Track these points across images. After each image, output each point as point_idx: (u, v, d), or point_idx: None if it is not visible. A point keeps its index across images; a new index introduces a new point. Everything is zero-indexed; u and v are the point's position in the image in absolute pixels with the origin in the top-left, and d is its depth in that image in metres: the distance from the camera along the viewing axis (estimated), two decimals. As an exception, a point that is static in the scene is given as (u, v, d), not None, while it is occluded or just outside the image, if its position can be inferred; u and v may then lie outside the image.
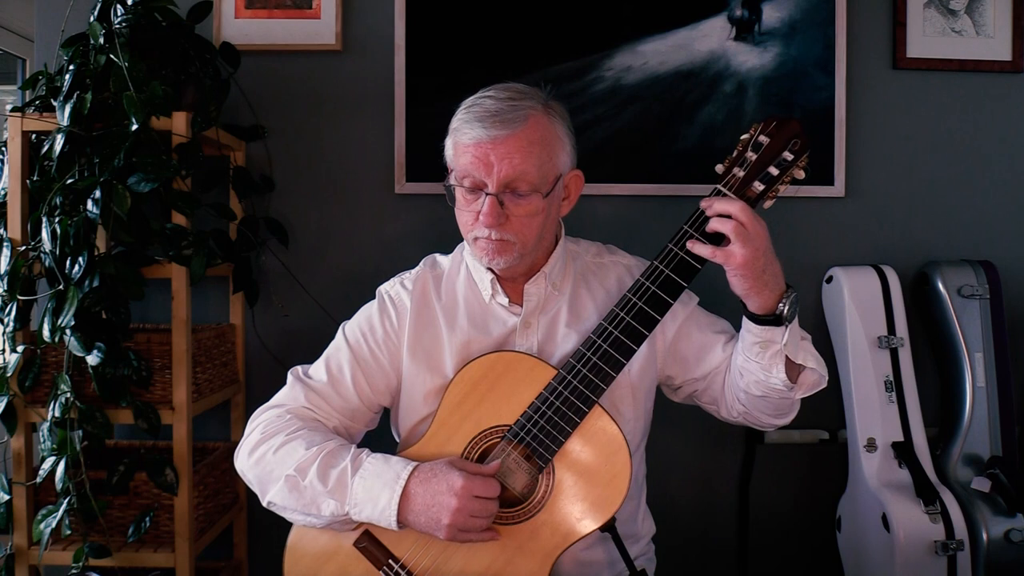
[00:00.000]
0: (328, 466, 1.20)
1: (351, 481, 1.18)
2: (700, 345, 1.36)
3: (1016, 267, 2.04)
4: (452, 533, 1.16)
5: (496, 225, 1.22)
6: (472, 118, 1.22)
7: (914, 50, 2.02)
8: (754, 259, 1.14)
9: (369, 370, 1.32)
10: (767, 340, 1.20)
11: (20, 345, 1.66)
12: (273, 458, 1.23)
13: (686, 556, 2.03)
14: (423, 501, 1.16)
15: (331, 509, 1.18)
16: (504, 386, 1.23)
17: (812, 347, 1.26)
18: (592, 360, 1.20)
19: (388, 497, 1.17)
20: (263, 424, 1.28)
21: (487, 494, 1.16)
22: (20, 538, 1.67)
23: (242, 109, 1.96)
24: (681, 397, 1.44)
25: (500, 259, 1.25)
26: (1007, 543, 1.78)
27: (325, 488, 1.18)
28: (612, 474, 1.19)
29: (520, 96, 1.24)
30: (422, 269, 1.39)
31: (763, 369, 1.22)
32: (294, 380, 1.33)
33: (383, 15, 1.99)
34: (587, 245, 1.43)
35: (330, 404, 1.30)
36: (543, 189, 1.23)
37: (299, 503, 1.20)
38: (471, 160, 1.22)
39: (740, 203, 1.15)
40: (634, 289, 1.22)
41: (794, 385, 1.23)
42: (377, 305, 1.36)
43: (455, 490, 1.15)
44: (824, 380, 1.26)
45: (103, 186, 1.57)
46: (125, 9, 1.69)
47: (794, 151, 1.19)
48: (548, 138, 1.24)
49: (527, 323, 1.31)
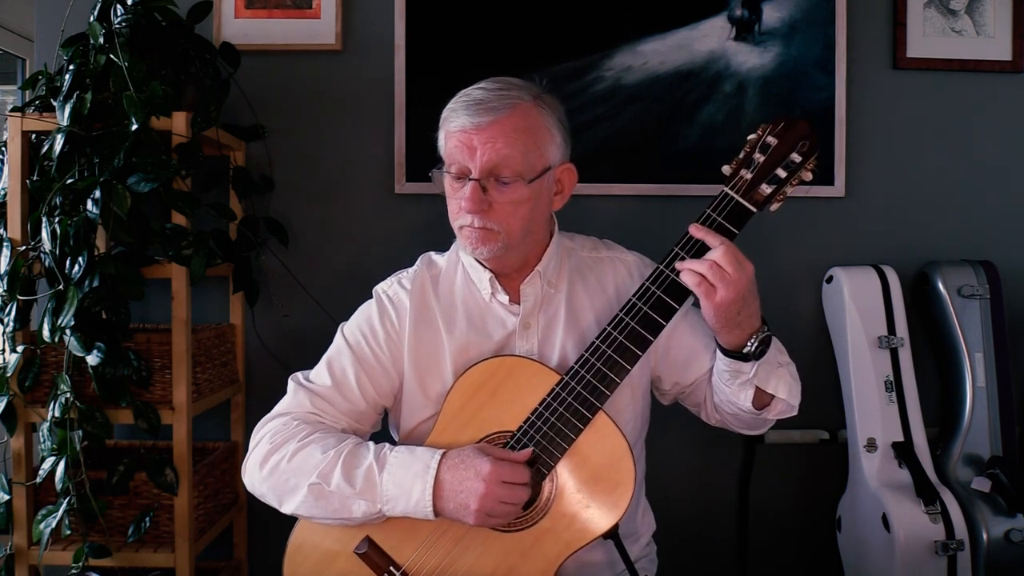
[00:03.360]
0: (352, 467, 1.18)
1: (379, 479, 1.17)
2: (690, 351, 1.35)
3: (1016, 267, 2.04)
4: (481, 518, 1.14)
5: (478, 211, 1.22)
6: (459, 106, 1.23)
7: (914, 50, 2.02)
8: (731, 303, 1.13)
9: (372, 371, 1.31)
10: (736, 371, 1.22)
11: (20, 345, 1.66)
12: (288, 466, 1.20)
13: (686, 556, 2.03)
14: (452, 488, 1.15)
15: (363, 510, 1.17)
16: (506, 391, 1.22)
17: (789, 374, 1.26)
18: (596, 366, 1.19)
19: (421, 488, 1.15)
20: (270, 434, 1.25)
21: (516, 480, 1.15)
22: (20, 538, 1.67)
23: (242, 109, 1.96)
24: (668, 400, 1.44)
25: (484, 248, 1.24)
26: (1007, 543, 1.78)
27: (354, 490, 1.16)
28: (616, 481, 1.19)
29: (509, 87, 1.25)
30: (419, 268, 1.38)
31: (732, 394, 1.25)
32: (296, 387, 1.30)
33: (383, 15, 1.99)
34: (583, 240, 1.42)
35: (336, 408, 1.29)
36: (527, 176, 1.22)
37: (328, 510, 1.18)
38: (456, 145, 1.23)
39: (723, 246, 1.14)
40: (639, 294, 1.21)
41: (762, 411, 1.26)
42: (376, 306, 1.35)
43: (483, 475, 1.13)
44: (793, 410, 1.28)
45: (103, 186, 1.57)
46: (125, 9, 1.69)
47: (802, 152, 1.18)
48: (534, 127, 1.23)
49: (526, 324, 1.31)
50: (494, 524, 1.17)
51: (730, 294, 1.12)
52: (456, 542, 1.20)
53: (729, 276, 1.12)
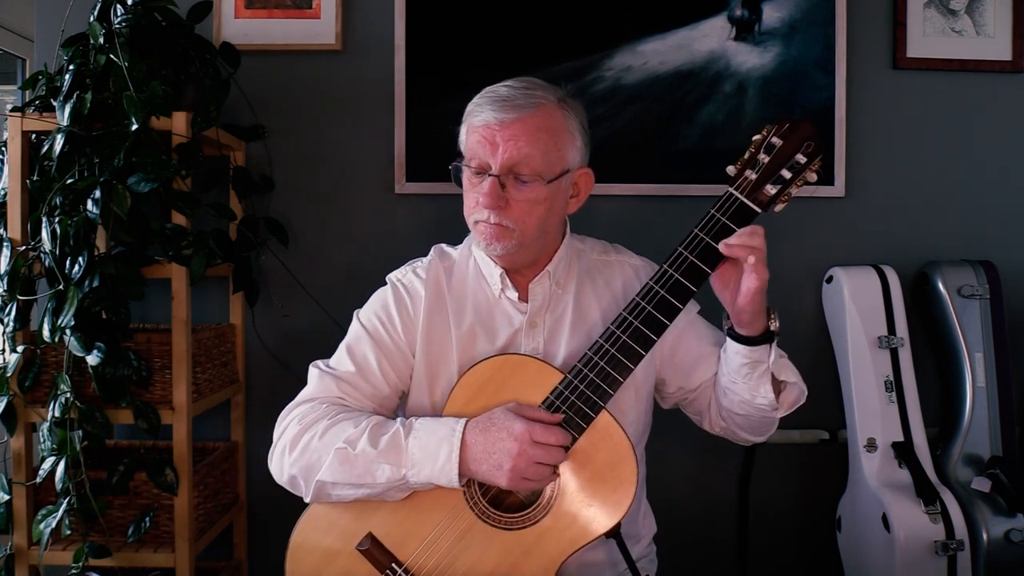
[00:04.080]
0: (379, 434, 1.18)
1: (405, 443, 1.16)
2: (697, 356, 1.36)
3: (1016, 267, 2.04)
4: (514, 479, 1.13)
5: (495, 207, 1.22)
6: (484, 102, 1.24)
7: (914, 50, 2.02)
8: (764, 284, 1.16)
9: (392, 356, 1.31)
10: (756, 360, 1.22)
11: (20, 345, 1.66)
12: (320, 443, 1.19)
13: (686, 556, 2.03)
14: (483, 448, 1.14)
15: (387, 474, 1.16)
16: (510, 389, 1.22)
17: (790, 363, 1.28)
18: (600, 365, 1.19)
19: (448, 451, 1.15)
20: (298, 417, 1.24)
21: (550, 440, 1.14)
22: (20, 538, 1.67)
23: (242, 109, 1.96)
24: (669, 404, 1.44)
25: (498, 244, 1.25)
26: (1007, 543, 1.78)
27: (377, 451, 1.16)
28: (618, 481, 1.19)
29: (535, 87, 1.26)
30: (433, 258, 1.38)
31: (750, 390, 1.24)
32: (320, 373, 1.30)
33: (383, 15, 1.99)
34: (593, 243, 1.42)
35: (362, 392, 1.29)
36: (546, 177, 1.23)
37: (352, 474, 1.17)
38: (478, 140, 1.23)
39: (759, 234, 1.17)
40: (643, 293, 1.21)
41: (777, 405, 1.26)
42: (392, 292, 1.35)
43: (515, 435, 1.13)
44: (803, 395, 1.29)
45: (103, 186, 1.57)
46: (125, 9, 1.69)
47: (807, 154, 1.18)
48: (557, 128, 1.24)
49: (533, 323, 1.31)
50: (527, 487, 1.17)
51: (764, 278, 1.15)
52: (457, 540, 1.20)
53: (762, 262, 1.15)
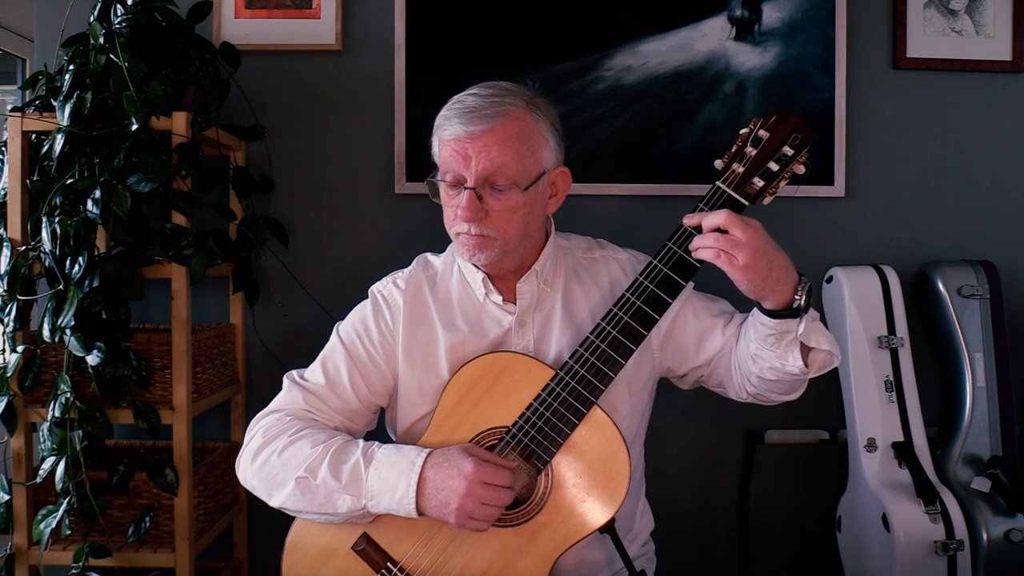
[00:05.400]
0: (339, 462, 1.19)
1: (365, 474, 1.17)
2: (699, 332, 1.35)
3: (1016, 267, 2.04)
4: (461, 518, 1.14)
5: (475, 220, 1.22)
6: (452, 114, 1.24)
7: (914, 50, 2.02)
8: (754, 263, 1.13)
9: (366, 370, 1.32)
10: (783, 331, 1.19)
11: (20, 345, 1.66)
12: (278, 460, 1.21)
13: (686, 555, 2.03)
14: (434, 485, 1.15)
15: (348, 505, 1.17)
16: (502, 387, 1.23)
17: (822, 326, 1.23)
18: (590, 360, 1.20)
19: (405, 485, 1.15)
20: (263, 429, 1.26)
21: (498, 482, 1.15)
22: (20, 538, 1.68)
23: (242, 109, 1.96)
24: (688, 384, 1.43)
25: (481, 255, 1.25)
26: (1007, 543, 1.78)
27: (339, 484, 1.17)
28: (611, 475, 1.19)
29: (502, 92, 1.25)
30: (415, 268, 1.39)
31: (778, 358, 1.21)
32: (291, 384, 1.32)
33: (383, 15, 1.99)
34: (578, 240, 1.43)
35: (329, 406, 1.30)
36: (522, 183, 1.23)
37: (313, 504, 1.19)
38: (450, 154, 1.23)
39: (722, 212, 1.14)
40: (632, 288, 1.22)
41: (807, 369, 1.22)
42: (371, 305, 1.36)
43: (465, 474, 1.14)
44: (837, 359, 1.24)
45: (103, 186, 1.57)
46: (125, 9, 1.69)
47: (794, 146, 1.18)
48: (528, 133, 1.24)
49: (522, 322, 1.31)
50: (474, 527, 1.16)
51: (748, 254, 1.12)
52: (452, 538, 1.21)
53: (739, 238, 1.12)
